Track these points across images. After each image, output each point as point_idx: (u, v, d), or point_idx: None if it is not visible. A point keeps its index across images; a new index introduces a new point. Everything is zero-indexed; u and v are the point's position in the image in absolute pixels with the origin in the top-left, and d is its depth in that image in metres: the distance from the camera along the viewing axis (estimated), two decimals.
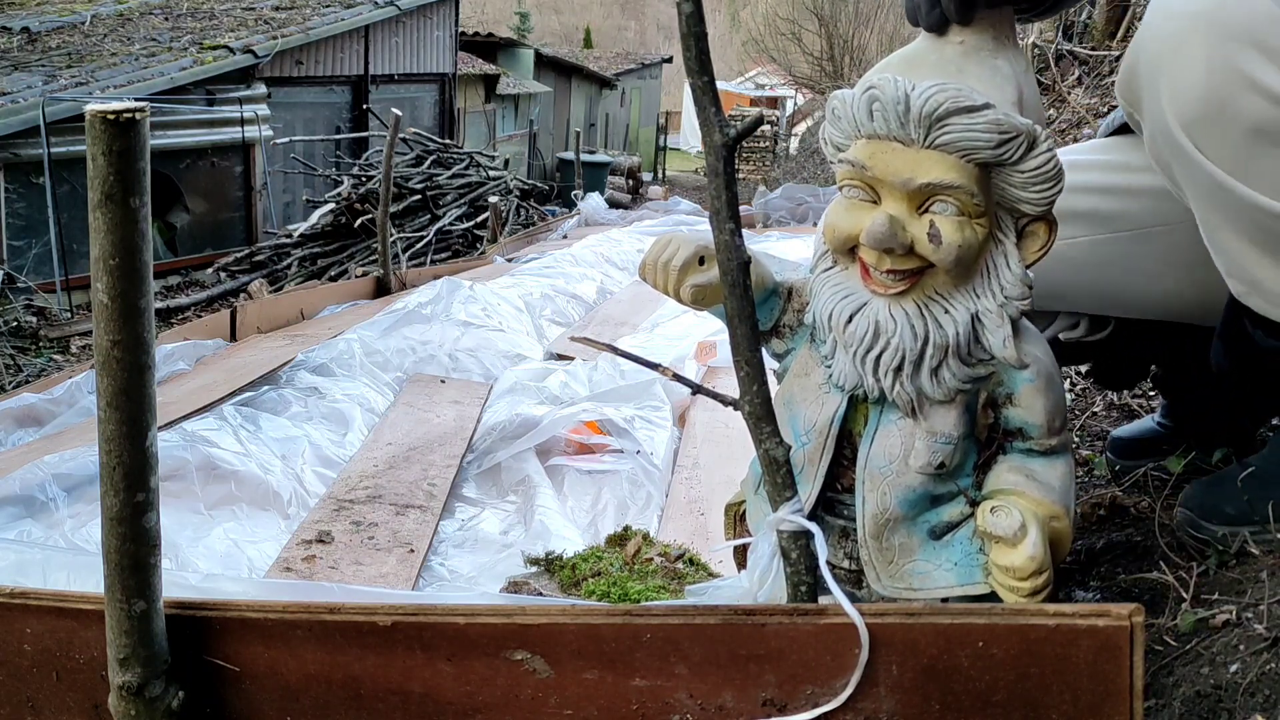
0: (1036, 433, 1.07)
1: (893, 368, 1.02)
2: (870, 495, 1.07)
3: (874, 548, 1.08)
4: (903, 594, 1.08)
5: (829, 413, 1.08)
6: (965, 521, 1.08)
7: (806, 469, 1.10)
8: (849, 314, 1.05)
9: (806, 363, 1.12)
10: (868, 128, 1.01)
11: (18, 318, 5.75)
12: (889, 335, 1.02)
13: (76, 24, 10.12)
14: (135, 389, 0.93)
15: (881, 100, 0.99)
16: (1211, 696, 1.10)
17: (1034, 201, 1.02)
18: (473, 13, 26.03)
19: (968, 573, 1.06)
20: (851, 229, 1.03)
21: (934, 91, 0.97)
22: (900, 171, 1.00)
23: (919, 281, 1.03)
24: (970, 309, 1.03)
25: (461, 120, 13.75)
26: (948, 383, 1.03)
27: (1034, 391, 1.06)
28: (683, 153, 29.31)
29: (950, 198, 0.99)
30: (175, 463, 2.13)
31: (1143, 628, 0.91)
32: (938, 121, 0.97)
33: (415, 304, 3.73)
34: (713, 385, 2.69)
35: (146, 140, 0.89)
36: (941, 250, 1.00)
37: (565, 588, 1.67)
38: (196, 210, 9.00)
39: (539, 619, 0.99)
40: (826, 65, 24.02)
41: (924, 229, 1.00)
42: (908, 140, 0.99)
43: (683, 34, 0.88)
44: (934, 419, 1.05)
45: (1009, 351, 1.03)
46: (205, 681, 1.04)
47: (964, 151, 0.98)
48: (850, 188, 1.05)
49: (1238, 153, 1.08)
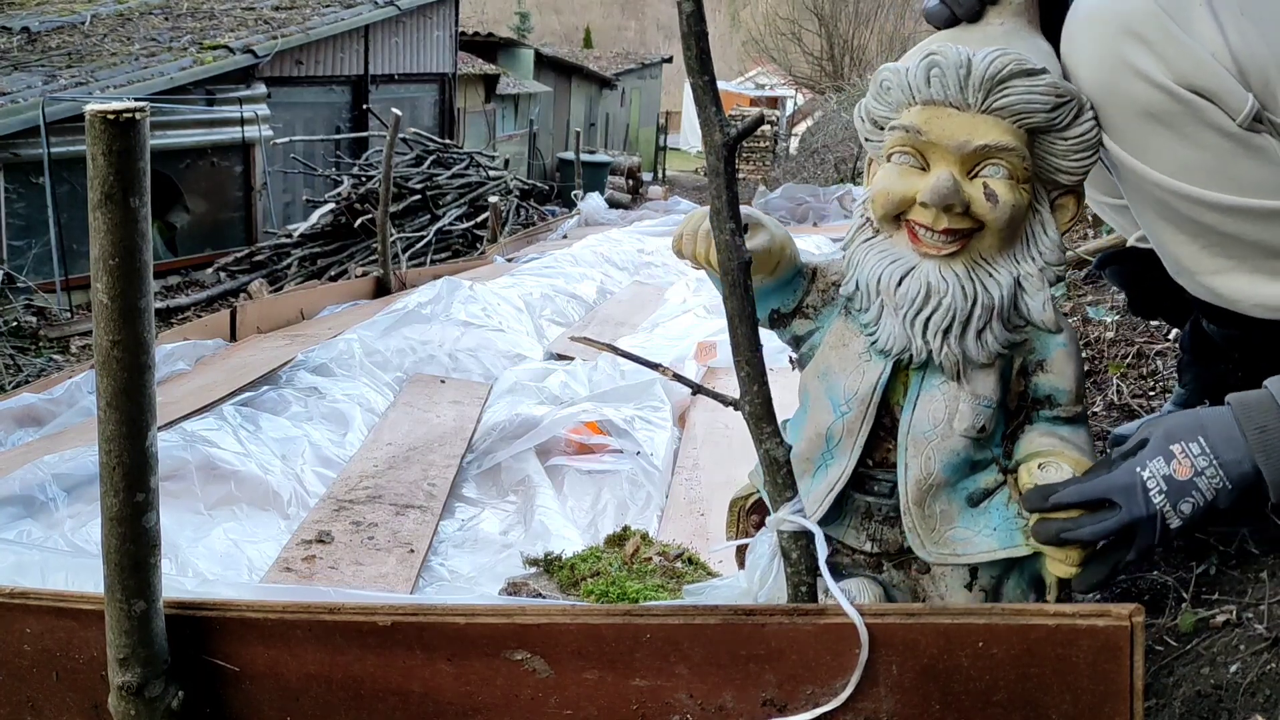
0: (1065, 399, 1.11)
1: (943, 328, 1.06)
2: (914, 461, 1.09)
3: (917, 515, 1.10)
4: (947, 559, 1.10)
5: (871, 380, 1.10)
6: (999, 489, 1.11)
7: (844, 440, 1.11)
8: (899, 276, 1.07)
9: (843, 334, 1.14)
10: (924, 93, 1.05)
11: (18, 318, 5.74)
12: (940, 295, 1.06)
13: (76, 24, 10.11)
14: (135, 389, 0.93)
15: (942, 65, 1.04)
16: (1211, 696, 1.10)
17: (1072, 171, 1.07)
18: (473, 13, 26.01)
19: (1008, 536, 1.08)
20: (907, 191, 1.06)
21: (996, 55, 1.02)
22: (956, 135, 1.04)
23: (967, 245, 1.06)
24: (1013, 273, 1.07)
25: (461, 120, 13.74)
26: (990, 345, 1.07)
27: (1066, 356, 1.10)
28: (683, 153, 29.31)
29: (1003, 160, 1.04)
30: (175, 463, 2.12)
31: (1143, 628, 0.91)
32: (999, 84, 1.02)
33: (415, 304, 3.72)
34: (713, 385, 2.69)
35: (146, 140, 0.89)
36: (998, 209, 1.04)
37: (564, 588, 1.67)
38: (196, 210, 9.00)
39: (539, 619, 0.99)
40: (826, 65, 24.03)
41: (978, 190, 1.04)
42: (963, 105, 1.04)
43: (683, 34, 0.88)
44: (975, 383, 1.08)
45: (1048, 314, 1.08)
46: (205, 681, 1.04)
47: (1020, 115, 1.04)
48: (901, 154, 1.08)
49: (1136, 135, 1.13)
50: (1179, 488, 1.00)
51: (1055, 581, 1.08)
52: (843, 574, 1.15)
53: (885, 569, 1.14)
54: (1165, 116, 1.11)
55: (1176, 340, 2.20)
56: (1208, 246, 1.17)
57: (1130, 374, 2.16)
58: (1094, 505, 1.02)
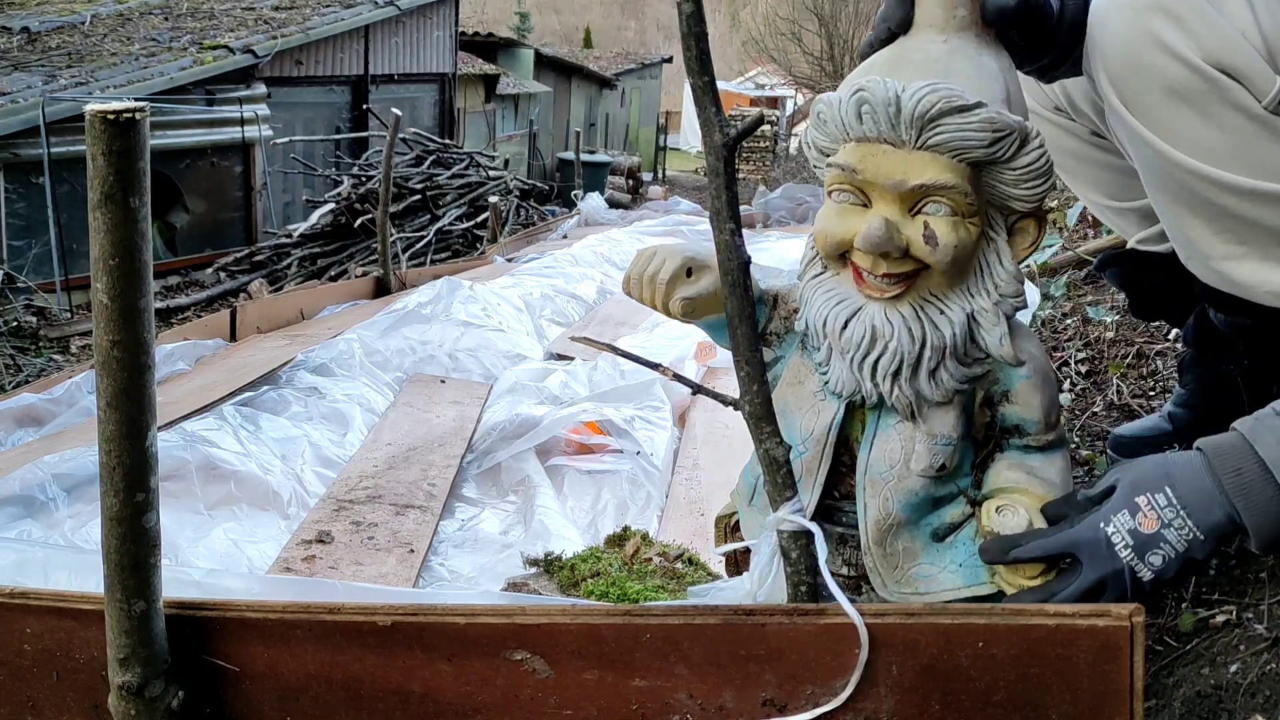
0: (1034, 428, 1.07)
1: (891, 372, 1.02)
2: (872, 501, 1.07)
3: (877, 554, 1.08)
4: (909, 598, 1.07)
5: (826, 420, 1.08)
6: (967, 521, 1.07)
7: (804, 479, 1.09)
8: (844, 320, 1.04)
9: (799, 370, 1.11)
10: (857, 130, 1.00)
11: (18, 318, 5.74)
12: (886, 339, 1.02)
13: (76, 24, 10.11)
14: (135, 389, 0.93)
15: (871, 102, 0.98)
16: (1211, 696, 1.10)
17: (1025, 198, 1.02)
18: (473, 13, 26.02)
19: (973, 573, 1.05)
20: (844, 234, 1.02)
21: (926, 92, 0.96)
22: (892, 174, 0.99)
23: (914, 284, 1.02)
24: (966, 308, 1.03)
25: (461, 120, 13.74)
26: (946, 384, 1.03)
27: (1030, 388, 1.06)
28: (683, 153, 29.30)
29: (944, 198, 0.99)
30: (175, 463, 2.12)
31: (1143, 628, 0.91)
32: (930, 122, 0.97)
33: (415, 304, 3.72)
34: (713, 385, 2.69)
35: (146, 140, 0.89)
36: (938, 251, 0.99)
37: (564, 588, 1.67)
38: (196, 210, 9.00)
39: (539, 619, 0.99)
40: (826, 65, 24.02)
41: (918, 230, 1.00)
42: (898, 142, 0.99)
43: (683, 34, 0.88)
44: (933, 421, 1.04)
45: (1005, 349, 1.03)
46: (205, 681, 1.04)
47: (956, 151, 0.98)
48: (840, 192, 1.04)
49: (1159, 113, 1.12)
50: (1145, 541, 0.97)
51: None
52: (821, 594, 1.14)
53: (864, 591, 1.13)
54: (1190, 95, 1.10)
55: (1177, 340, 2.20)
56: (1223, 231, 1.16)
57: (1130, 374, 2.16)
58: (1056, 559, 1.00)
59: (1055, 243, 3.15)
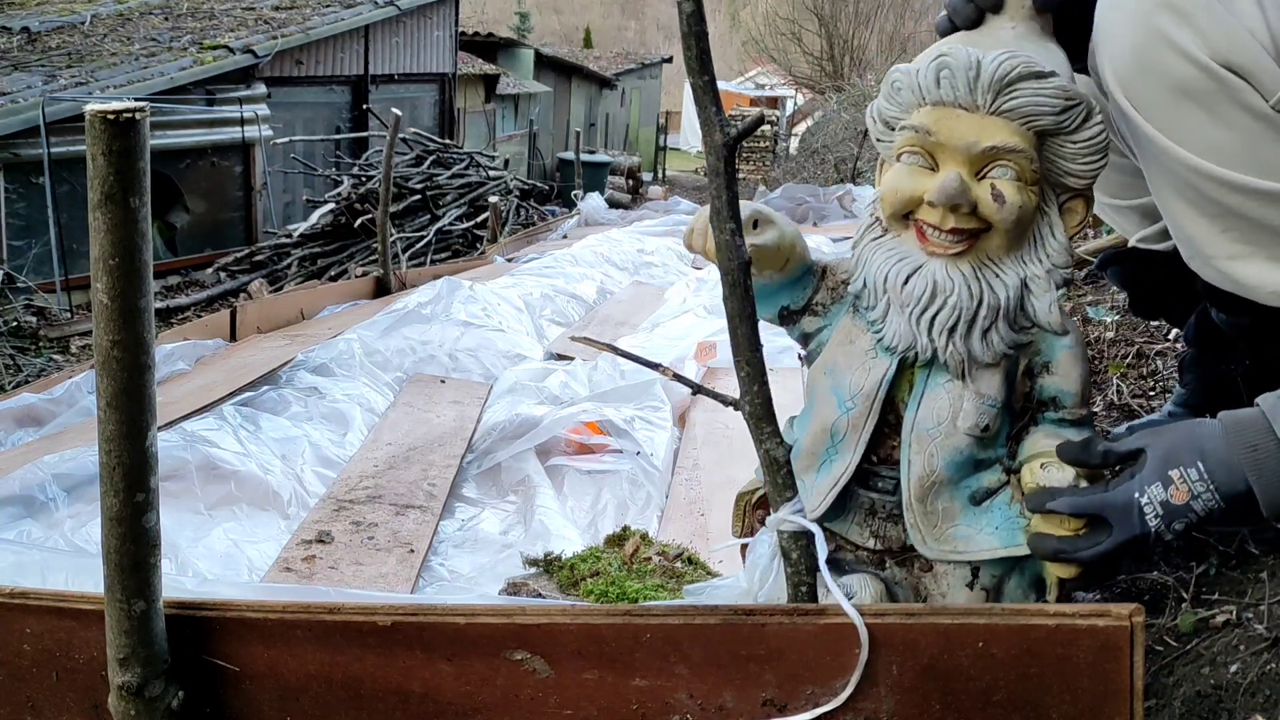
0: (1070, 401, 1.11)
1: (948, 327, 1.06)
2: (916, 458, 1.10)
3: (919, 511, 1.11)
4: (948, 556, 1.11)
5: (876, 377, 1.11)
6: (1002, 488, 1.11)
7: (849, 436, 1.12)
8: (906, 275, 1.08)
9: (850, 331, 1.15)
10: (934, 94, 1.06)
11: (18, 318, 5.74)
12: (946, 294, 1.06)
13: (76, 24, 10.10)
14: (135, 389, 0.93)
15: (952, 67, 1.04)
16: (1211, 696, 1.10)
17: (1081, 174, 1.08)
18: (473, 13, 26.00)
19: (1010, 535, 1.09)
20: (915, 190, 1.07)
21: (1006, 57, 1.03)
22: (965, 135, 1.05)
23: (974, 245, 1.07)
24: (1020, 274, 1.08)
25: (461, 120, 13.74)
26: (995, 345, 1.07)
27: (1072, 359, 1.10)
28: (683, 153, 29.30)
29: (1011, 162, 1.05)
30: (175, 463, 2.12)
31: (1143, 628, 0.91)
32: (1007, 86, 1.03)
33: (415, 304, 3.72)
34: (713, 385, 2.69)
35: (146, 140, 0.89)
36: (1005, 209, 1.04)
37: (564, 588, 1.67)
38: (196, 210, 8.99)
39: (539, 619, 0.99)
40: (826, 65, 24.04)
41: (986, 191, 1.05)
42: (973, 106, 1.05)
43: (683, 34, 0.88)
44: (980, 382, 1.08)
45: (1054, 316, 1.08)
46: (205, 681, 1.04)
47: (1028, 117, 1.04)
48: (910, 154, 1.09)
49: (1166, 111, 1.12)
50: (1174, 511, 1.01)
51: (1056, 581, 1.09)
52: (845, 570, 1.15)
53: (888, 566, 1.15)
54: (1197, 93, 1.09)
55: (1177, 340, 2.20)
56: (1228, 230, 1.16)
57: (1130, 374, 2.16)
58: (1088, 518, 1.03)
59: None
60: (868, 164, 10.45)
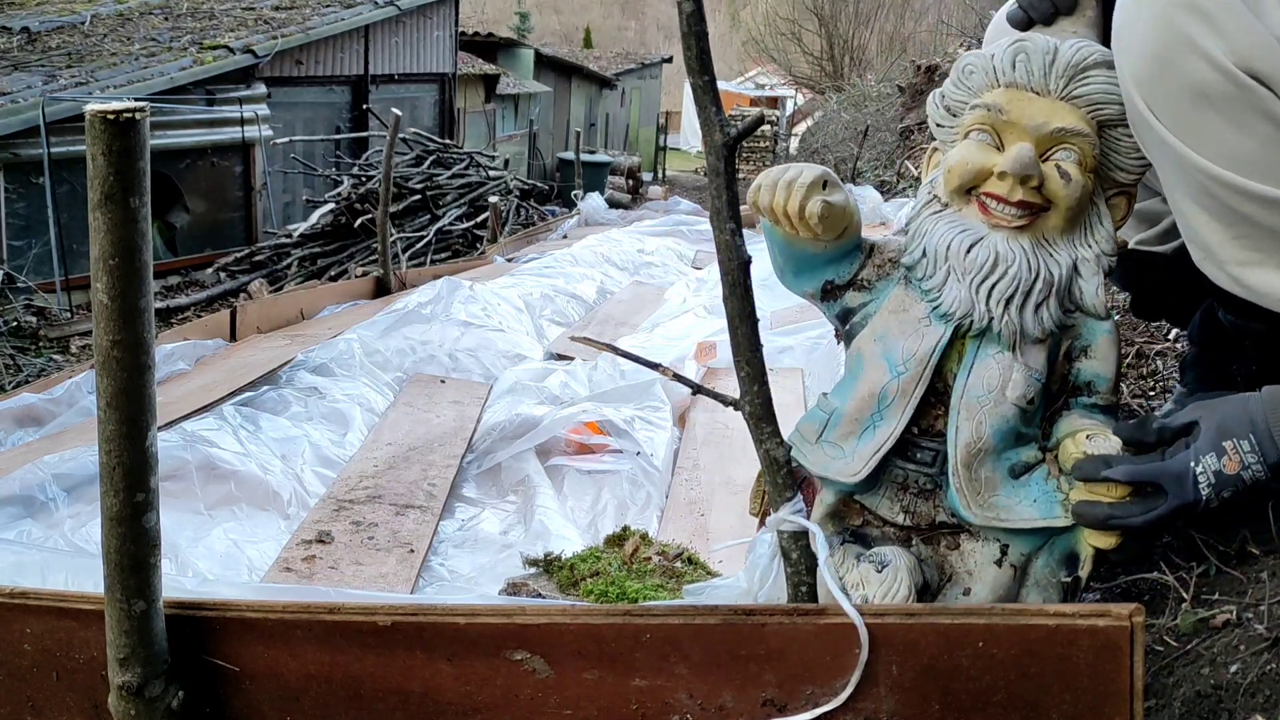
0: (1104, 385, 1.15)
1: (1006, 296, 1.11)
2: (965, 425, 1.13)
3: (965, 477, 1.13)
4: (992, 522, 1.13)
5: (930, 343, 1.14)
6: (1039, 465, 1.14)
7: (897, 401, 1.14)
8: (969, 244, 1.13)
9: (903, 300, 1.18)
10: (1008, 76, 1.13)
11: (18, 318, 5.74)
12: (1008, 264, 1.11)
13: (76, 24, 10.10)
14: (135, 389, 0.93)
15: (1029, 51, 1.12)
16: (1211, 697, 1.10)
17: (1131, 169, 1.15)
18: (473, 13, 26.02)
19: (1048, 508, 1.12)
20: (985, 162, 1.13)
21: (1082, 45, 1.11)
22: (1035, 116, 1.11)
23: (1034, 222, 1.12)
24: (1072, 256, 1.13)
25: (461, 120, 13.73)
26: (1046, 321, 1.12)
27: (1110, 343, 1.15)
28: (683, 153, 29.29)
29: (1075, 145, 1.11)
30: (175, 463, 2.12)
31: (1143, 628, 0.91)
32: (1081, 72, 1.11)
33: (415, 304, 3.72)
34: (713, 385, 2.69)
35: (146, 140, 0.89)
36: (1070, 188, 1.10)
37: (563, 588, 1.67)
38: (196, 210, 8.99)
39: (539, 619, 0.99)
40: (826, 65, 24.03)
41: (1052, 169, 1.11)
42: (1044, 91, 1.11)
43: (683, 34, 0.88)
44: (1029, 355, 1.12)
45: (1099, 299, 1.14)
46: (205, 681, 1.04)
47: (1096, 105, 1.12)
48: (979, 132, 1.14)
49: (1184, 116, 1.11)
50: (1225, 481, 1.05)
51: (1091, 554, 1.11)
52: (873, 544, 1.16)
53: (914, 543, 1.16)
54: (1218, 100, 1.08)
55: (1177, 340, 2.20)
56: (1241, 237, 1.15)
57: (1130, 374, 2.16)
58: (1140, 486, 1.06)
59: None
60: (868, 164, 10.44)
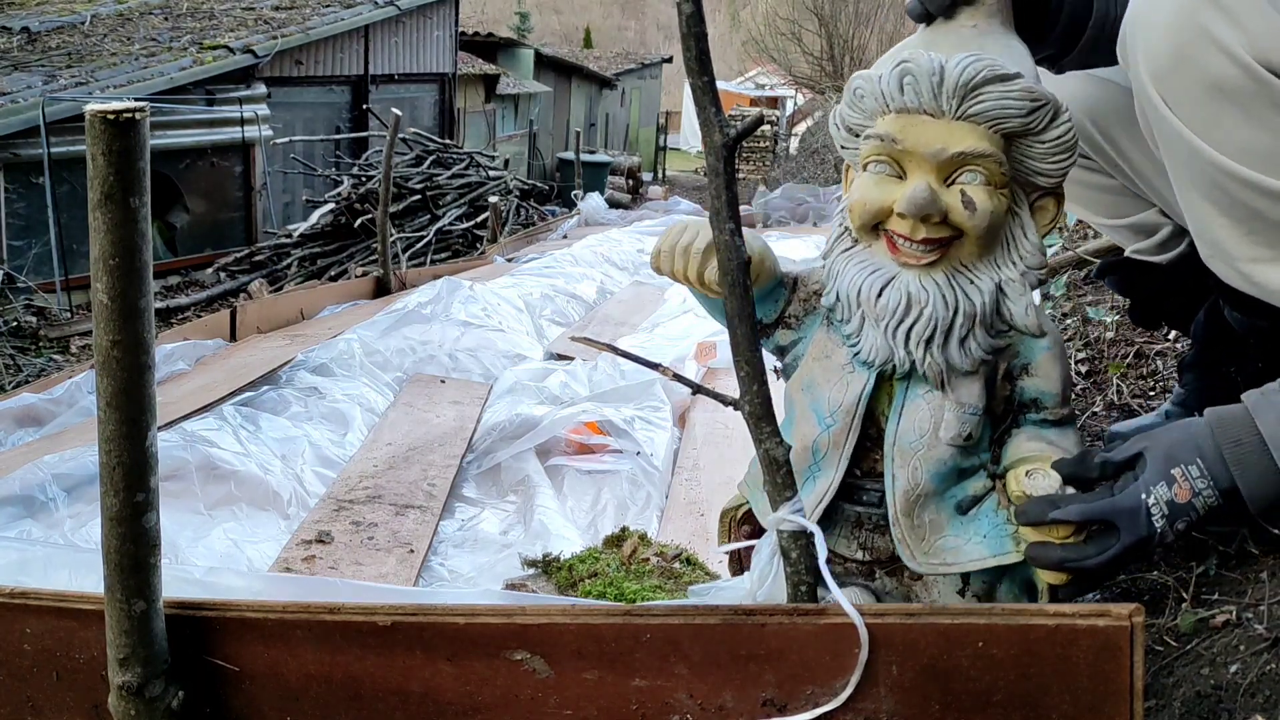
0: (1051, 401, 1.10)
1: (924, 338, 1.05)
2: (900, 472, 1.08)
3: (905, 525, 1.09)
4: (937, 569, 1.09)
5: (855, 391, 1.09)
6: (988, 495, 1.10)
7: (830, 453, 1.11)
8: (879, 287, 1.06)
9: (825, 345, 1.13)
10: (898, 101, 1.04)
11: (18, 318, 5.74)
12: (921, 305, 1.05)
13: (76, 24, 10.11)
14: (135, 389, 0.93)
15: (914, 73, 1.02)
16: (1211, 697, 1.10)
17: (1051, 173, 1.06)
18: (473, 13, 26.01)
19: (998, 543, 1.08)
20: (883, 201, 1.05)
21: (970, 61, 1.01)
22: (932, 142, 1.02)
23: (947, 253, 1.05)
24: (994, 279, 1.06)
25: (461, 120, 13.74)
26: (974, 353, 1.06)
27: (1051, 359, 1.09)
28: (683, 153, 29.29)
29: (980, 167, 1.03)
30: (175, 463, 2.12)
31: (1143, 628, 0.91)
32: (972, 90, 1.01)
33: (415, 304, 3.72)
34: (713, 385, 2.69)
35: (146, 140, 0.89)
36: (976, 216, 1.03)
37: (562, 589, 1.67)
38: (196, 210, 9.00)
39: (539, 619, 0.99)
40: (826, 65, 24.02)
41: (956, 198, 1.03)
42: (938, 112, 1.02)
43: (683, 34, 0.88)
44: (960, 391, 1.07)
45: (1031, 318, 1.07)
46: (205, 681, 1.04)
47: (995, 120, 1.02)
48: (877, 163, 1.06)
49: (1200, 110, 1.10)
50: (1178, 510, 1.01)
51: (1046, 587, 1.08)
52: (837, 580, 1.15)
53: (878, 576, 1.14)
54: (1236, 94, 1.07)
55: (1177, 340, 2.20)
56: (1252, 233, 1.14)
57: (1130, 374, 2.16)
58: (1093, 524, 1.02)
59: (1055, 243, 3.14)
60: None
